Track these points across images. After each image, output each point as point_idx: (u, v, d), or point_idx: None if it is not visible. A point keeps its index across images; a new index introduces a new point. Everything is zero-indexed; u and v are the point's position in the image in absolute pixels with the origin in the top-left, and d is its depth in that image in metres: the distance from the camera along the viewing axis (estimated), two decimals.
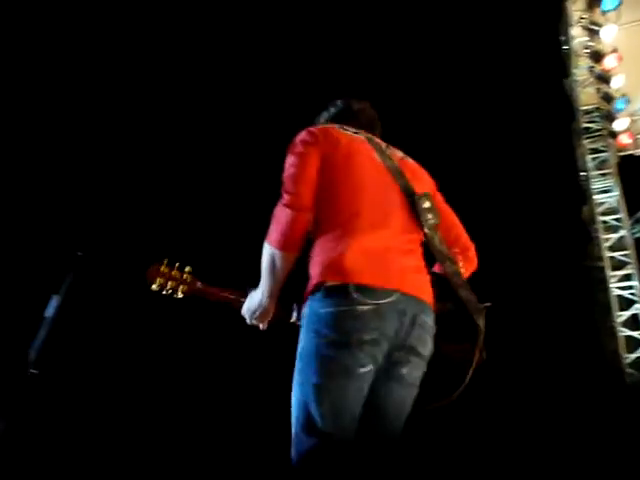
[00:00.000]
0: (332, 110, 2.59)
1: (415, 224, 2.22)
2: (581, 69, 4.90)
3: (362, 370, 2.02)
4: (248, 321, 2.37)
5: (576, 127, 5.03)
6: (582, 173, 5.12)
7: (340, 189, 2.19)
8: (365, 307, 2.01)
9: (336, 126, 2.33)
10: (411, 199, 2.24)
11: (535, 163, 4.78)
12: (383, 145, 2.38)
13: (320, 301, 2.04)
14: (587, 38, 4.78)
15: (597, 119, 5.14)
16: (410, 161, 2.43)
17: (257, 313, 2.30)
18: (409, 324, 2.08)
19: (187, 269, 2.50)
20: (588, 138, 5.03)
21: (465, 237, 2.43)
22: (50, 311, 2.85)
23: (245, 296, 2.40)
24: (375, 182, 2.25)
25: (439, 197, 2.43)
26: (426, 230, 2.22)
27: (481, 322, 2.24)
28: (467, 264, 2.37)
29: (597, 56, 4.85)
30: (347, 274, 2.03)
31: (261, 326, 2.36)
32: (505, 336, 4.38)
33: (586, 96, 4.97)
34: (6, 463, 2.95)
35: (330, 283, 2.04)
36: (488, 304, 2.27)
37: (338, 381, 2.00)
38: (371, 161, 2.29)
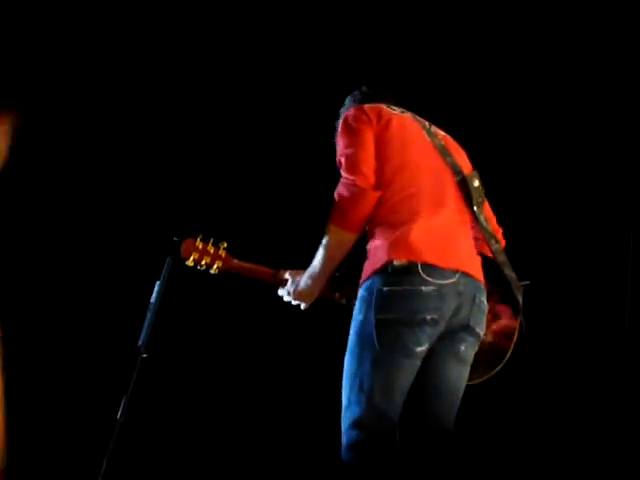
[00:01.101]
0: (358, 96, 2.60)
1: (464, 203, 2.28)
2: None
3: (419, 349, 2.08)
4: (292, 301, 2.39)
5: None
6: None
7: (397, 169, 2.22)
8: (429, 287, 2.06)
9: (384, 105, 2.35)
10: (461, 178, 2.29)
11: (623, 122, 4.54)
12: (427, 123, 2.39)
13: (385, 279, 2.08)
14: None
15: None
16: (449, 137, 2.43)
17: (306, 295, 2.33)
18: (469, 304, 2.14)
19: (222, 245, 2.54)
20: None
21: (494, 220, 2.50)
22: (154, 296, 2.95)
23: (278, 274, 2.44)
24: (429, 161, 2.30)
25: None
26: (475, 209, 2.27)
27: (520, 299, 2.30)
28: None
29: None
30: (414, 253, 2.07)
31: (303, 306, 2.38)
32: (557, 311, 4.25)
33: None
34: (129, 445, 3.10)
35: (397, 262, 2.07)
36: (527, 282, 2.33)
37: (396, 358, 2.07)
38: (422, 140, 2.37)
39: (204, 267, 2.58)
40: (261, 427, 4.31)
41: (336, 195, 2.21)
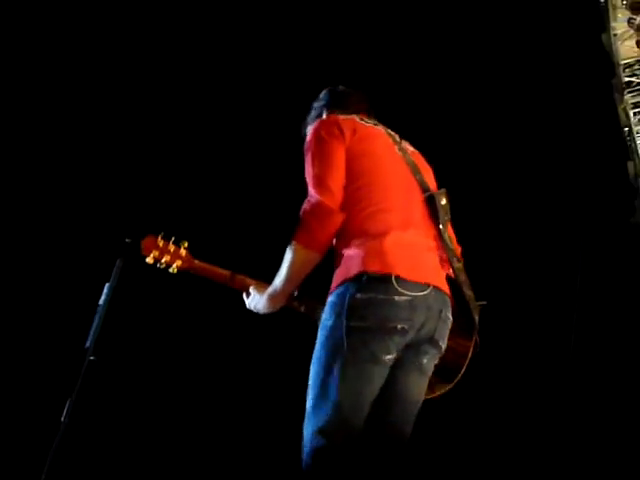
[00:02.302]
0: (325, 100, 2.57)
1: (431, 221, 2.27)
2: (620, 22, 4.76)
3: (388, 357, 2.07)
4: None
5: (617, 82, 4.91)
6: (625, 129, 5.02)
7: (368, 183, 2.20)
8: (402, 298, 2.05)
9: (356, 118, 2.32)
10: (428, 195, 2.28)
11: (575, 121, 4.69)
12: (397, 137, 2.39)
13: (359, 287, 2.06)
14: None
15: (638, 72, 5.01)
16: (417, 153, 2.45)
17: (265, 308, 2.32)
18: (435, 318, 2.14)
19: (184, 244, 2.49)
20: (630, 92, 4.92)
21: (455, 239, 2.45)
22: (103, 299, 2.91)
23: (236, 278, 2.42)
24: (399, 178, 2.28)
25: None
26: (440, 227, 2.26)
27: (476, 318, 2.30)
28: None
29: (636, 6, 4.71)
30: (388, 265, 2.06)
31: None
32: (554, 295, 4.35)
33: (626, 49, 4.85)
34: (72, 448, 3.05)
35: (372, 272, 2.06)
36: (484, 302, 2.33)
37: (365, 366, 2.05)
38: (393, 156, 2.33)
39: (164, 265, 2.53)
40: (209, 428, 4.29)
41: (302, 212, 2.17)
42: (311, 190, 2.19)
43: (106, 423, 4.12)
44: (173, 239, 2.52)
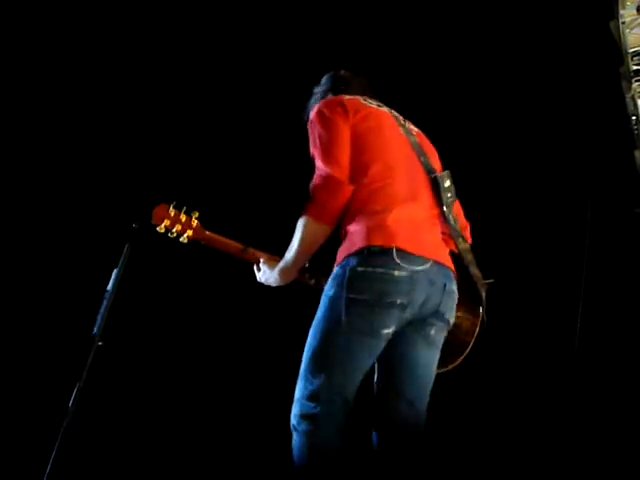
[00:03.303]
0: (328, 84, 2.60)
1: (435, 202, 2.31)
2: (629, 9, 4.74)
3: (385, 331, 2.09)
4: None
5: (625, 70, 4.88)
6: (632, 117, 4.99)
7: (373, 160, 2.24)
8: (402, 272, 2.08)
9: (360, 98, 2.36)
10: (433, 177, 2.32)
11: (582, 110, 4.67)
12: (402, 118, 2.41)
13: (360, 260, 2.10)
14: None
15: None
16: (423, 134, 2.47)
17: (277, 282, 2.34)
18: (440, 292, 2.18)
19: (195, 214, 2.54)
20: (638, 81, 4.89)
21: (462, 217, 2.51)
22: (111, 284, 2.91)
23: (247, 250, 2.45)
24: (404, 157, 2.32)
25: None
26: (444, 208, 2.30)
27: (483, 296, 2.36)
28: None
29: None
30: (389, 238, 2.10)
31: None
32: (555, 283, 4.34)
33: (634, 38, 4.82)
34: (79, 434, 3.05)
35: (374, 246, 2.09)
36: (491, 280, 2.40)
37: (361, 337, 2.08)
38: (398, 136, 2.38)
39: (175, 235, 2.57)
40: (218, 415, 4.30)
41: (312, 186, 2.22)
42: (319, 164, 2.24)
43: (114, 409, 4.13)
44: (185, 209, 2.56)
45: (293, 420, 2.06)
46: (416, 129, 2.50)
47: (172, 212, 2.55)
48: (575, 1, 4.57)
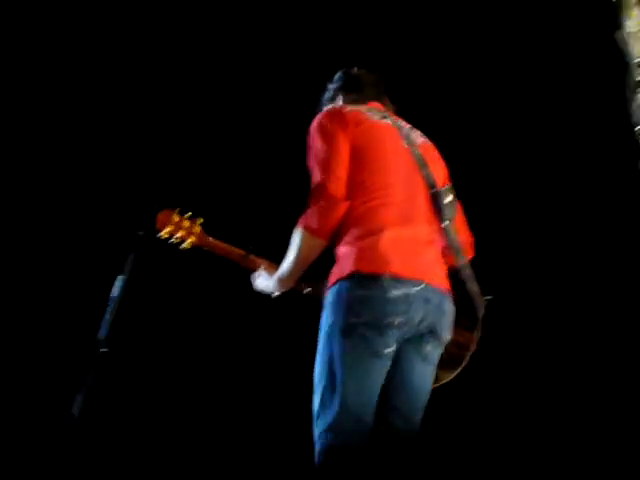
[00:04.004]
0: (339, 82, 2.58)
1: (435, 215, 2.31)
2: (634, 19, 4.74)
3: (387, 350, 2.12)
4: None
5: (630, 80, 4.88)
6: (637, 127, 4.98)
7: (370, 176, 2.23)
8: (396, 293, 2.09)
9: (363, 109, 2.34)
10: (434, 192, 2.31)
11: (588, 119, 4.67)
12: (407, 128, 2.38)
13: (353, 285, 2.12)
14: None
15: None
16: (429, 144, 2.44)
17: (274, 291, 2.41)
18: (435, 311, 2.19)
19: (198, 220, 2.60)
20: None
21: (466, 231, 2.54)
22: (116, 291, 2.92)
23: (249, 257, 2.47)
24: (404, 172, 2.30)
25: (449, 183, 2.50)
26: (446, 222, 2.32)
27: (481, 313, 2.37)
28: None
29: None
30: (380, 264, 2.11)
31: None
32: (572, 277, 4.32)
33: None
34: (83, 441, 3.05)
35: (364, 271, 2.11)
36: (489, 297, 2.39)
37: (366, 360, 2.10)
38: (399, 150, 2.34)
39: (177, 241, 2.59)
40: (222, 422, 4.29)
41: (309, 200, 2.22)
42: (317, 178, 2.23)
43: (117, 416, 4.13)
44: (189, 215, 2.58)
45: (318, 457, 2.07)
46: (422, 139, 2.47)
47: (176, 218, 2.59)
48: (581, 11, 4.58)
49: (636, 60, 4.93)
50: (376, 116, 2.36)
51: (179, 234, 2.58)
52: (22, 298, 4.13)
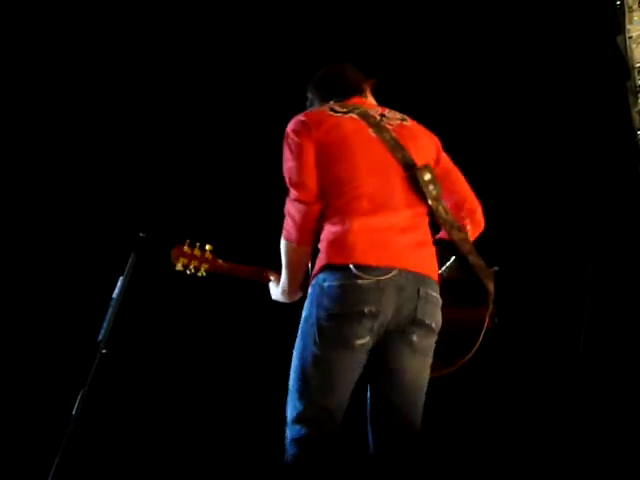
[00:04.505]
0: (316, 88, 2.55)
1: (418, 196, 2.25)
2: (636, 25, 4.75)
3: (359, 342, 2.08)
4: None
5: (631, 85, 4.89)
6: (638, 132, 5.00)
7: (339, 175, 2.22)
8: (366, 281, 2.07)
9: (327, 109, 2.33)
10: (410, 174, 2.25)
11: (589, 123, 4.68)
12: (378, 116, 2.37)
13: (324, 277, 2.12)
14: None
15: None
16: (409, 124, 2.42)
17: (285, 301, 2.44)
18: (414, 299, 2.13)
19: (208, 247, 2.64)
20: None
21: (471, 200, 2.47)
22: (116, 292, 2.93)
23: (264, 272, 2.50)
24: (373, 161, 2.26)
25: (444, 158, 2.45)
26: (429, 202, 2.25)
27: (491, 286, 2.29)
28: (474, 227, 2.43)
29: None
30: (348, 255, 2.10)
31: None
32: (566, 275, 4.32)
33: None
34: (82, 442, 3.06)
35: (333, 263, 2.11)
36: (496, 268, 2.32)
37: (337, 352, 2.08)
38: (367, 140, 2.29)
39: (192, 271, 2.65)
40: (221, 424, 4.30)
41: (285, 211, 2.27)
42: (289, 188, 2.27)
43: (117, 417, 4.13)
44: (198, 245, 2.63)
45: (287, 447, 2.07)
46: (397, 120, 2.40)
47: (187, 250, 2.65)
48: (583, 16, 4.59)
49: (637, 65, 4.95)
50: (339, 112, 2.32)
51: (192, 265, 2.66)
52: (22, 300, 4.13)
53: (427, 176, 2.25)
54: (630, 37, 4.93)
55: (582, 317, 4.28)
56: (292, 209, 2.23)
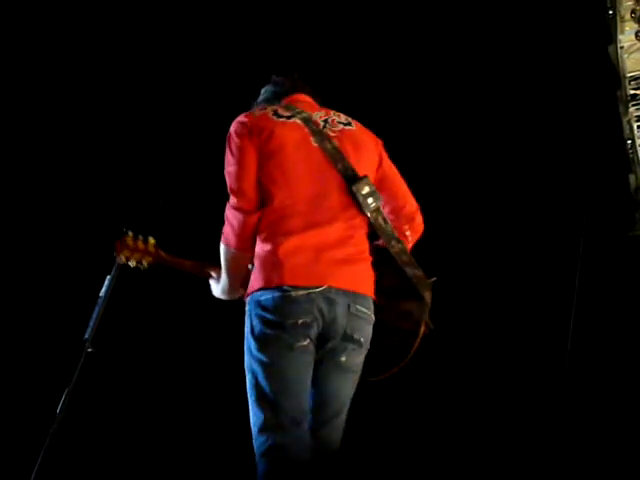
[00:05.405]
0: (267, 86, 2.56)
1: (357, 208, 2.26)
2: (627, 34, 4.78)
3: (299, 344, 2.11)
4: None
5: (622, 95, 4.92)
6: (628, 141, 5.03)
7: (274, 186, 2.22)
8: (298, 293, 2.11)
9: (269, 113, 2.30)
10: (350, 187, 2.25)
11: (579, 132, 4.71)
12: (321, 122, 2.35)
13: (260, 293, 2.16)
14: (633, 2, 4.65)
15: None
16: (351, 128, 2.40)
17: (226, 298, 2.50)
18: (344, 314, 2.17)
19: (151, 240, 2.67)
20: (635, 105, 4.93)
21: (410, 204, 2.48)
22: (103, 291, 2.92)
23: (204, 267, 2.52)
24: (311, 174, 2.26)
25: (386, 163, 2.45)
26: (368, 214, 2.26)
27: (427, 296, 2.32)
28: (413, 233, 2.47)
29: None
30: (280, 278, 2.13)
31: None
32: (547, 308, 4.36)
33: (632, 62, 4.86)
34: (67, 440, 3.04)
35: (266, 287, 2.15)
36: (434, 278, 2.34)
37: (281, 354, 2.11)
38: (307, 150, 2.28)
39: (134, 264, 2.67)
40: (208, 422, 4.29)
41: (225, 216, 2.28)
42: (229, 193, 2.28)
43: (103, 417, 4.11)
44: (141, 238, 2.64)
45: (257, 461, 2.07)
46: (341, 126, 2.39)
47: (130, 242, 2.68)
48: (575, 25, 4.62)
49: (628, 74, 4.99)
50: (283, 116, 2.30)
51: (135, 257, 2.67)
52: (8, 298, 4.12)
53: (366, 189, 2.26)
54: (622, 47, 4.96)
55: (568, 336, 4.30)
56: (231, 216, 2.24)
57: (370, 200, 2.26)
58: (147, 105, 4.41)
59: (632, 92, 4.96)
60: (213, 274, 2.60)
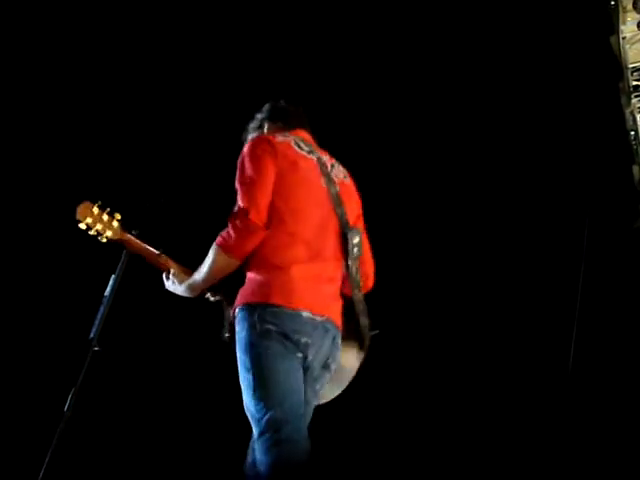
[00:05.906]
0: (267, 113, 2.65)
1: (341, 252, 2.43)
2: (629, 25, 4.77)
3: (298, 354, 2.25)
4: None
5: (624, 85, 4.91)
6: (631, 132, 5.02)
7: (288, 212, 2.34)
8: (309, 316, 2.26)
9: (291, 142, 2.41)
10: (345, 232, 2.43)
11: (582, 123, 4.70)
12: (329, 166, 2.50)
13: (262, 310, 2.24)
14: None
15: None
16: (348, 182, 2.59)
17: (183, 295, 2.57)
18: (329, 344, 2.35)
19: (117, 216, 2.65)
20: (637, 96, 4.92)
21: (369, 264, 2.63)
22: (108, 290, 2.93)
23: (160, 258, 2.52)
24: (319, 211, 2.41)
25: (362, 219, 2.62)
26: (349, 262, 2.43)
27: (367, 343, 2.50)
28: (364, 289, 2.58)
29: None
30: (288, 300, 2.24)
31: None
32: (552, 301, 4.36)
33: (634, 53, 4.85)
34: (75, 439, 3.06)
35: (276, 304, 2.24)
36: (376, 331, 2.53)
37: (284, 355, 2.22)
38: (318, 188, 2.44)
39: (94, 233, 2.65)
40: (213, 421, 4.30)
41: (230, 221, 2.31)
42: (241, 202, 2.33)
43: (109, 415, 4.13)
44: (108, 210, 2.62)
45: (259, 463, 2.14)
46: (342, 176, 2.55)
47: (95, 210, 2.64)
48: (576, 17, 4.60)
49: (630, 65, 4.97)
50: (304, 150, 2.44)
51: (97, 227, 2.64)
52: (14, 298, 4.13)
53: (356, 239, 2.44)
54: (624, 38, 4.95)
55: (573, 326, 4.30)
56: (238, 225, 2.27)
57: (356, 250, 2.45)
58: (149, 105, 4.41)
59: (635, 83, 4.95)
60: (172, 270, 2.61)
